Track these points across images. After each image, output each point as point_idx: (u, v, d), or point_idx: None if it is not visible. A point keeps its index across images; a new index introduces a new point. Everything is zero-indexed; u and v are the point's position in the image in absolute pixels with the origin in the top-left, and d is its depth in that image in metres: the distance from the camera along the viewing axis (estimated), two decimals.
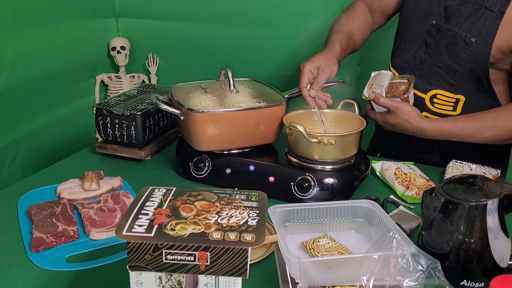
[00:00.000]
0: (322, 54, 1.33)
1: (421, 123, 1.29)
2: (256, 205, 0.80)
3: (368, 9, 1.57)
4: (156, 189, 0.84)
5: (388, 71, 1.39)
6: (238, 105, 1.28)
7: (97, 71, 2.13)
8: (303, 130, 1.16)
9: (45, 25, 1.79)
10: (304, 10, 1.88)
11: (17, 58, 1.67)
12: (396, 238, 0.85)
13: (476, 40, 1.28)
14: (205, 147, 1.28)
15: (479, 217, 0.83)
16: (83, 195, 1.22)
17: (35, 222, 1.08)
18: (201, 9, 2.02)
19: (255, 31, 1.97)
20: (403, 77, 1.37)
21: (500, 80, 1.34)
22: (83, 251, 1.03)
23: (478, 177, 0.89)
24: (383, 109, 1.31)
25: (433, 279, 0.80)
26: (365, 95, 1.34)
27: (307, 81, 1.27)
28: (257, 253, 0.98)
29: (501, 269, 0.86)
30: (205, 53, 2.07)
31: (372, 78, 1.39)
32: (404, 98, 1.31)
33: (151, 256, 0.71)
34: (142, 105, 1.44)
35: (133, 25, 2.17)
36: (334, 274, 0.84)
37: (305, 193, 1.18)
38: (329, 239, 1.00)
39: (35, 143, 1.82)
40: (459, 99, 1.35)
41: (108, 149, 1.45)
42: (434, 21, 1.37)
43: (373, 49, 1.75)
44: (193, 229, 0.72)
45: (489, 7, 1.28)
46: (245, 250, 0.70)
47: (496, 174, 1.30)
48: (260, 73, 1.72)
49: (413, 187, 1.23)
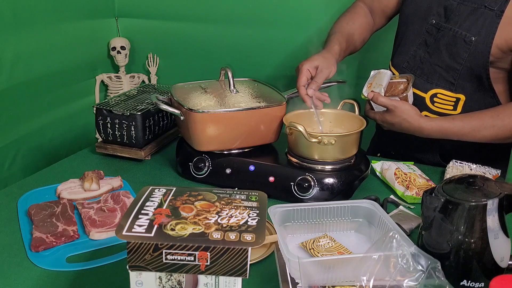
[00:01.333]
0: (321, 54, 1.33)
1: (420, 122, 1.29)
2: (256, 205, 0.80)
3: (369, 10, 1.57)
4: (156, 189, 0.83)
5: (387, 70, 1.39)
6: (238, 105, 1.28)
7: (97, 71, 2.13)
8: (303, 130, 1.16)
9: (45, 25, 1.79)
10: (305, 10, 1.88)
11: (17, 58, 1.67)
12: (396, 238, 0.85)
13: (476, 39, 1.28)
14: (205, 147, 1.28)
15: (479, 217, 0.83)
16: (83, 195, 1.22)
17: (35, 222, 1.08)
18: (201, 9, 2.03)
19: (255, 31, 1.97)
20: (403, 77, 1.38)
21: (500, 79, 1.34)
22: (83, 251, 1.03)
23: (478, 177, 0.89)
24: (382, 108, 1.32)
25: (433, 279, 0.80)
26: (364, 94, 1.34)
27: (305, 80, 1.27)
28: (257, 253, 0.98)
29: (501, 269, 0.86)
30: (205, 53, 2.07)
31: (371, 77, 1.39)
32: (402, 97, 1.31)
33: (151, 256, 0.71)
34: (142, 105, 1.44)
35: (133, 25, 2.17)
36: (334, 274, 0.84)
37: (305, 193, 1.18)
38: (329, 239, 1.00)
39: (35, 143, 1.82)
40: (459, 99, 1.35)
41: (108, 149, 1.45)
42: (434, 20, 1.37)
43: (373, 50, 1.75)
44: (193, 229, 0.72)
45: (489, 6, 1.28)
46: (245, 250, 0.70)
47: (496, 174, 1.30)
48: (260, 73, 1.72)
49: (413, 187, 1.23)
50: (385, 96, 1.32)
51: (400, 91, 1.34)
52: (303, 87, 1.27)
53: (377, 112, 1.34)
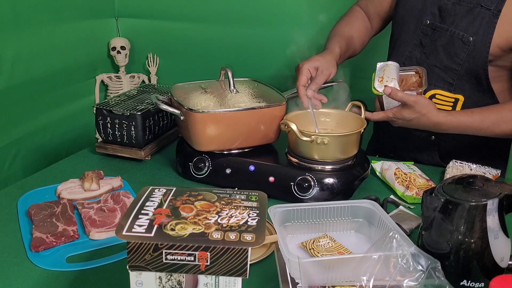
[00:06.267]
0: (322, 56, 1.33)
1: (439, 117, 1.25)
2: (256, 205, 0.80)
3: (366, 14, 1.57)
4: (156, 189, 0.84)
5: (394, 62, 1.32)
6: (238, 105, 1.28)
7: (97, 71, 2.13)
8: (296, 128, 1.16)
9: (45, 25, 1.79)
10: (305, 10, 1.88)
11: (17, 58, 1.67)
12: (396, 238, 0.85)
13: (474, 39, 1.28)
14: (205, 147, 1.28)
15: (479, 217, 0.83)
16: (83, 195, 1.22)
17: (35, 222, 1.08)
18: (201, 9, 2.03)
19: (255, 31, 1.97)
20: (410, 69, 1.32)
21: (500, 78, 1.34)
22: (83, 251, 1.03)
23: (478, 177, 0.89)
24: (394, 104, 1.26)
25: (433, 279, 0.80)
26: (378, 89, 1.26)
27: (305, 80, 1.27)
28: (257, 253, 0.98)
29: (501, 269, 0.86)
30: (205, 53, 2.07)
31: (379, 71, 1.29)
32: (419, 92, 1.26)
33: (151, 256, 0.71)
34: (142, 105, 1.44)
35: (133, 25, 2.17)
36: (334, 274, 0.84)
37: (305, 193, 1.18)
38: (329, 239, 1.00)
39: (35, 143, 1.82)
40: (458, 99, 1.35)
41: (108, 149, 1.45)
42: (429, 20, 1.37)
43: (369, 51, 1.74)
44: (193, 229, 0.72)
45: (485, 6, 1.28)
46: (245, 250, 0.70)
47: (496, 174, 1.30)
48: (260, 73, 1.71)
49: (413, 187, 1.23)
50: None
51: (413, 85, 1.29)
52: (302, 87, 1.27)
53: (388, 109, 1.28)
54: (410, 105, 1.23)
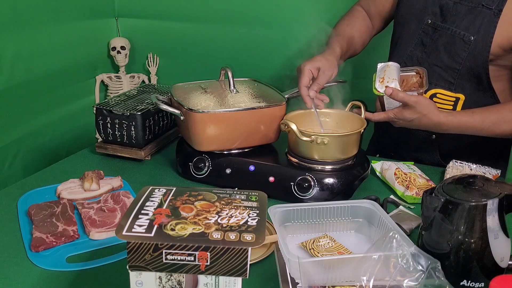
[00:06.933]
0: (323, 56, 1.33)
1: (440, 117, 1.25)
2: (256, 205, 0.80)
3: (367, 14, 1.57)
4: (156, 189, 0.84)
5: (395, 62, 1.32)
6: (238, 105, 1.28)
7: (97, 71, 2.13)
8: (295, 128, 1.16)
9: (45, 25, 1.79)
10: (305, 10, 1.88)
11: (17, 58, 1.67)
12: (396, 238, 0.85)
13: (475, 39, 1.29)
14: (205, 147, 1.28)
15: (479, 217, 0.83)
16: (83, 195, 1.22)
17: (35, 222, 1.08)
18: (201, 9, 2.02)
19: (255, 31, 1.96)
20: (411, 69, 1.33)
21: (501, 77, 1.34)
22: (83, 251, 1.03)
23: (478, 177, 0.89)
24: (395, 104, 1.26)
25: (433, 279, 0.80)
26: (379, 90, 1.26)
27: (307, 80, 1.27)
28: (257, 253, 0.98)
29: (501, 269, 0.86)
30: (205, 53, 2.07)
31: (380, 71, 1.30)
32: (420, 92, 1.26)
33: (151, 256, 0.71)
34: (142, 105, 1.44)
35: (133, 25, 2.16)
36: (334, 274, 0.84)
37: (305, 193, 1.18)
38: (329, 239, 1.00)
39: (35, 143, 1.82)
40: (458, 98, 1.35)
41: (108, 149, 1.45)
42: (430, 20, 1.37)
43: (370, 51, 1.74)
44: (193, 229, 0.72)
45: (486, 5, 1.28)
46: (245, 250, 0.70)
47: (496, 174, 1.30)
48: (260, 73, 1.71)
49: (413, 187, 1.23)
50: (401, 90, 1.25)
51: (413, 85, 1.29)
52: (305, 88, 1.27)
53: (391, 109, 1.28)
54: (411, 105, 1.23)
